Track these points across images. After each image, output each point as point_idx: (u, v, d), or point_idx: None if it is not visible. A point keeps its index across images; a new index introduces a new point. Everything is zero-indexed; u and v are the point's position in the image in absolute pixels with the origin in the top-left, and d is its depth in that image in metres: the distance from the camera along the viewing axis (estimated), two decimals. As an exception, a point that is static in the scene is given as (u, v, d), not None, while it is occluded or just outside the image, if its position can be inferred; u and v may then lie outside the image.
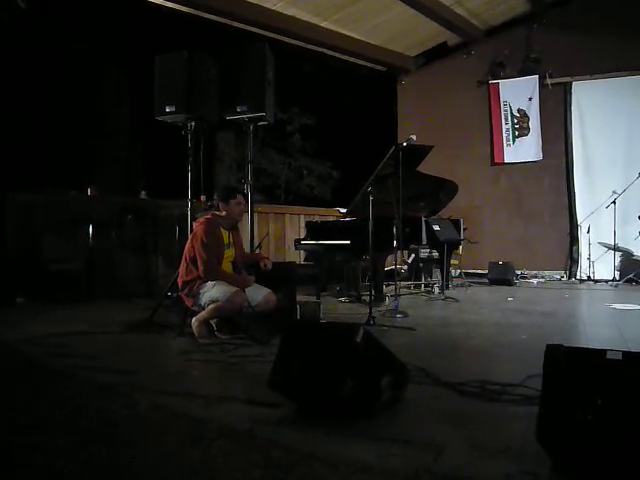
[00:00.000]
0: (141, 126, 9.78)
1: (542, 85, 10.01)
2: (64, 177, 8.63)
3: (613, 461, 1.81)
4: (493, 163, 10.57)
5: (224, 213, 4.54)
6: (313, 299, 6.16)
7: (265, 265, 4.69)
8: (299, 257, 8.40)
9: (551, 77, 9.93)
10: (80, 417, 2.51)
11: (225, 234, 4.55)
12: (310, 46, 9.96)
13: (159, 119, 5.90)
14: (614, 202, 8.68)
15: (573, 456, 1.90)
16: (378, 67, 11.44)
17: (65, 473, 1.94)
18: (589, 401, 1.86)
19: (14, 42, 8.88)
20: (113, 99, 11.29)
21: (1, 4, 6.40)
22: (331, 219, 9.42)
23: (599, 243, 9.23)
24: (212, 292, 4.31)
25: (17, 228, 6.70)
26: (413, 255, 8.75)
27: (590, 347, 2.04)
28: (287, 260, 8.39)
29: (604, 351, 1.92)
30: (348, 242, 6.60)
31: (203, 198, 6.87)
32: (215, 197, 4.66)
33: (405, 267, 8.76)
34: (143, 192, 8.01)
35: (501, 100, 10.42)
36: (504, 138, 10.42)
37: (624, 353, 1.89)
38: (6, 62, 8.71)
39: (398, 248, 5.80)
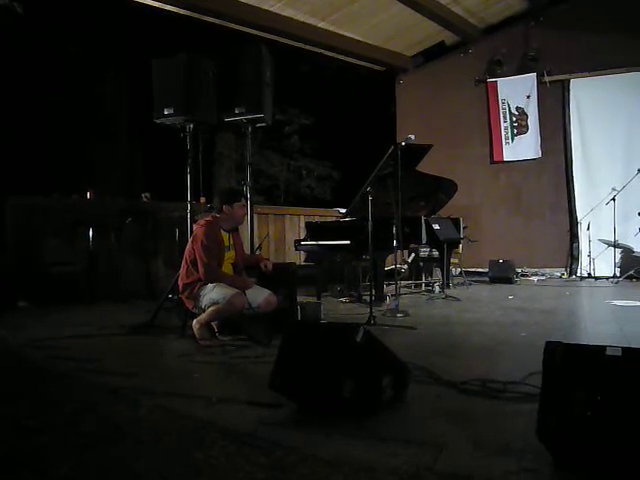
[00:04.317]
0: (140, 129, 9.79)
1: (540, 83, 10.03)
2: (64, 181, 8.63)
3: (613, 457, 1.82)
4: (492, 161, 10.58)
5: (226, 215, 4.54)
6: (314, 300, 6.17)
7: (265, 266, 4.69)
8: (299, 258, 8.41)
9: (549, 74, 9.94)
10: (83, 420, 2.52)
11: (225, 236, 4.55)
12: (308, 47, 9.98)
13: (158, 121, 5.91)
14: (614, 199, 8.70)
15: (574, 452, 1.90)
16: (376, 67, 11.45)
17: (70, 476, 1.95)
18: (589, 397, 1.87)
19: (14, 47, 8.89)
20: (112, 102, 11.28)
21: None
22: (331, 219, 9.42)
23: (599, 240, 9.24)
24: (212, 294, 4.31)
25: (18, 232, 6.71)
26: (413, 254, 8.76)
27: (590, 344, 2.05)
28: (287, 261, 8.39)
29: (604, 347, 1.93)
30: (348, 242, 6.60)
31: (203, 200, 6.89)
32: (216, 199, 4.65)
33: (405, 266, 8.77)
34: (148, 193, 8.01)
35: (499, 98, 10.43)
36: (503, 136, 10.43)
37: (624, 349, 1.90)
38: (6, 67, 8.72)
39: (398, 248, 5.81)
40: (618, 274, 8.85)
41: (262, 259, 4.86)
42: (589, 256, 9.26)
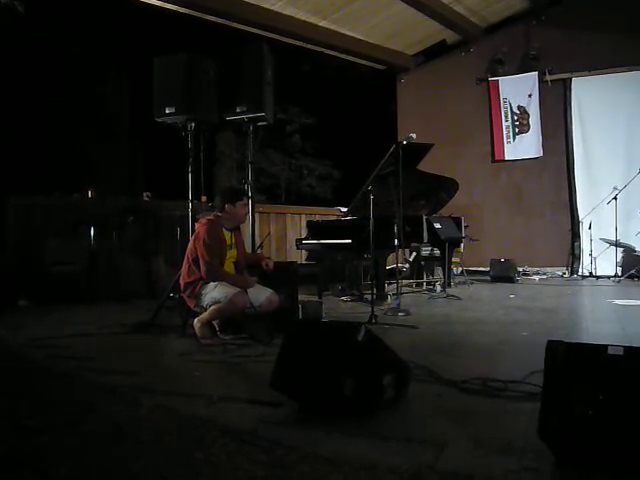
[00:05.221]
0: (141, 128, 9.79)
1: (541, 82, 10.01)
2: (65, 180, 8.63)
3: (615, 456, 1.81)
4: (493, 160, 10.56)
5: (228, 214, 4.53)
6: (315, 298, 6.16)
7: (267, 265, 4.69)
8: (300, 257, 8.40)
9: (550, 73, 9.93)
10: (84, 420, 2.52)
11: (227, 235, 4.55)
12: (309, 45, 9.97)
13: (159, 120, 5.90)
14: (615, 198, 8.69)
15: (575, 451, 1.90)
16: (377, 66, 11.44)
17: (70, 476, 1.95)
18: (590, 396, 1.86)
19: (15, 46, 8.89)
20: (113, 101, 11.28)
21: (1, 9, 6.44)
22: (332, 218, 9.41)
23: (600, 239, 9.22)
24: (214, 293, 4.31)
25: (19, 231, 6.72)
26: (414, 253, 8.75)
27: (592, 343, 2.04)
28: (288, 260, 8.38)
29: (605, 346, 1.92)
30: (349, 241, 6.60)
31: (204, 199, 6.88)
32: (218, 198, 4.64)
33: (407, 265, 8.76)
34: (149, 193, 8.01)
35: (501, 97, 10.42)
36: (504, 135, 10.42)
37: (625, 348, 1.90)
38: (7, 66, 8.72)
39: (399, 247, 5.80)
40: (619, 273, 8.84)
41: (263, 258, 4.86)
42: (590, 255, 9.24)
